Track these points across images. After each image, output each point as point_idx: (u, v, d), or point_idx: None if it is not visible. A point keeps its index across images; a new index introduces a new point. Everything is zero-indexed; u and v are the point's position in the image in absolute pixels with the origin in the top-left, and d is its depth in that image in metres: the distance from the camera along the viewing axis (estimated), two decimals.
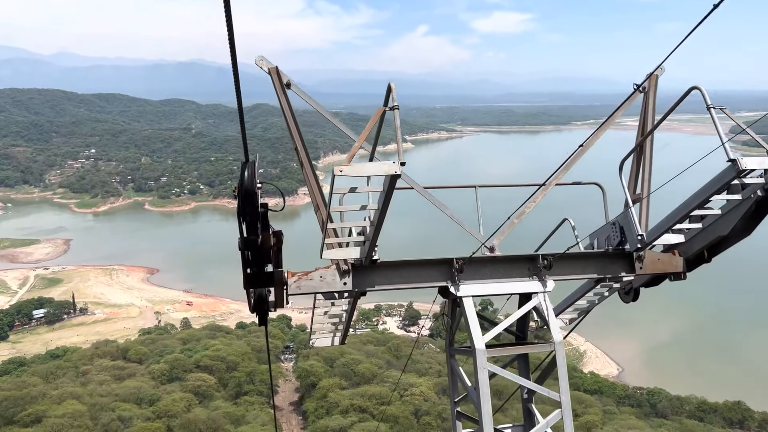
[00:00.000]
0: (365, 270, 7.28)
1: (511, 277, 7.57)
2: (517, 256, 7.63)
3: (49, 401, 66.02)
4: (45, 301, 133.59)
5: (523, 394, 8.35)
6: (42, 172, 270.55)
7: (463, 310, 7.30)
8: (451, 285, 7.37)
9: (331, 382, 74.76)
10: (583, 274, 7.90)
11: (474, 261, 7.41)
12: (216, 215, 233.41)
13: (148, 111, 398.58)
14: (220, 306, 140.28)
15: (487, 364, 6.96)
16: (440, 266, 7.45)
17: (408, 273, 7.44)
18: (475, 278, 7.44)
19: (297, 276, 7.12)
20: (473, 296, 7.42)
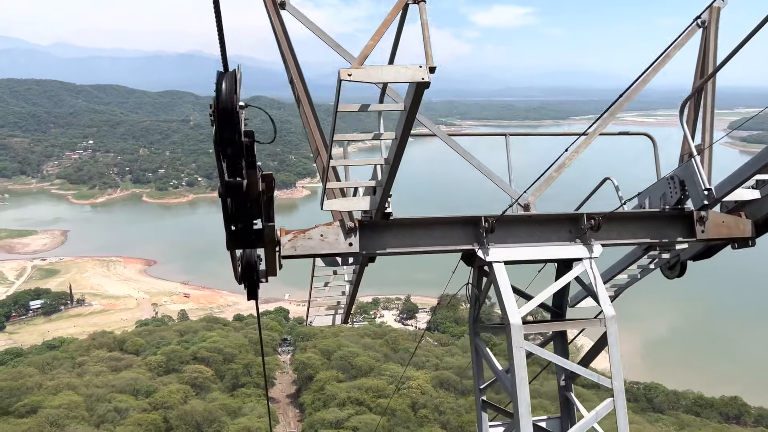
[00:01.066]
0: (375, 228, 6.22)
1: (550, 241, 6.54)
2: (557, 215, 6.62)
3: (45, 392, 65.92)
4: (42, 292, 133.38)
5: (560, 381, 7.38)
6: (39, 163, 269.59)
7: (494, 278, 6.29)
8: (479, 248, 6.32)
9: (328, 375, 74.72)
10: (634, 239, 6.90)
11: (506, 220, 6.35)
12: (214, 207, 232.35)
13: (146, 102, 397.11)
14: (218, 298, 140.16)
15: (524, 342, 6.03)
16: (465, 226, 6.42)
17: (427, 233, 6.36)
18: (506, 241, 6.41)
19: (292, 234, 6.01)
20: (505, 262, 6.35)
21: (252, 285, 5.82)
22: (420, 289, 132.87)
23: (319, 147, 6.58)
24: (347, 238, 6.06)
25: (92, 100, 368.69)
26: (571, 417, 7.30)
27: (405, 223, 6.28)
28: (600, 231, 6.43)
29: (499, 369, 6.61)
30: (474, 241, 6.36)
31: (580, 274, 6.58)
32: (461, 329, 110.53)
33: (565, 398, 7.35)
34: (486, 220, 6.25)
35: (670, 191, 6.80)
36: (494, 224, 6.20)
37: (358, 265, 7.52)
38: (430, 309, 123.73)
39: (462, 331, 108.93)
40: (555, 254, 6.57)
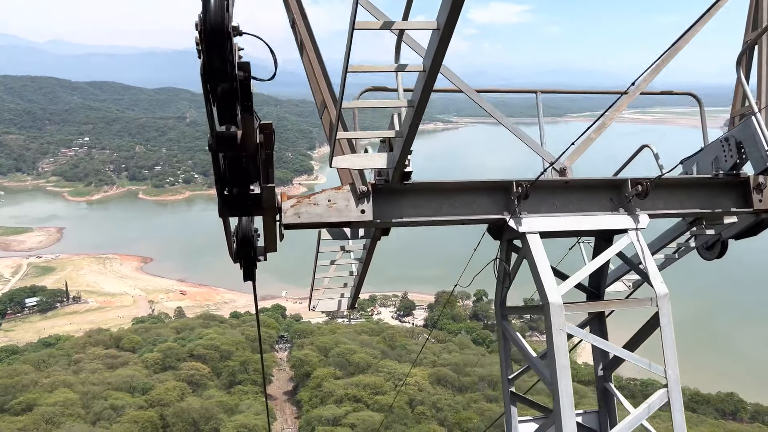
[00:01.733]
0: (391, 194, 5.49)
1: (589, 210, 5.86)
2: (597, 181, 5.92)
3: (40, 389, 65.70)
4: (38, 289, 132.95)
5: (597, 371, 6.69)
6: (35, 160, 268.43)
7: (527, 251, 5.60)
8: (510, 218, 5.62)
9: (325, 372, 74.58)
10: (682, 209, 6.18)
11: (539, 187, 5.67)
12: (211, 204, 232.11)
13: (142, 99, 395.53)
14: (214, 295, 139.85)
15: (565, 323, 5.33)
16: (494, 193, 5.73)
17: (449, 201, 5.65)
18: (540, 210, 5.74)
19: (295, 199, 5.28)
20: (541, 233, 5.65)
21: (249, 263, 5.26)
22: (417, 286, 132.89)
23: (326, 99, 5.64)
24: (359, 205, 5.33)
25: (88, 97, 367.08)
26: (611, 411, 6.67)
27: (424, 188, 5.59)
28: (645, 200, 5.80)
29: (533, 356, 6.00)
30: (504, 209, 5.69)
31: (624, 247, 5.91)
32: (458, 326, 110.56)
33: (604, 390, 6.65)
34: (518, 185, 5.54)
35: (725, 154, 6.09)
36: (528, 189, 5.48)
37: (370, 238, 6.79)
38: (442, 302, 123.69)
39: (459, 328, 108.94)
40: (596, 225, 5.86)
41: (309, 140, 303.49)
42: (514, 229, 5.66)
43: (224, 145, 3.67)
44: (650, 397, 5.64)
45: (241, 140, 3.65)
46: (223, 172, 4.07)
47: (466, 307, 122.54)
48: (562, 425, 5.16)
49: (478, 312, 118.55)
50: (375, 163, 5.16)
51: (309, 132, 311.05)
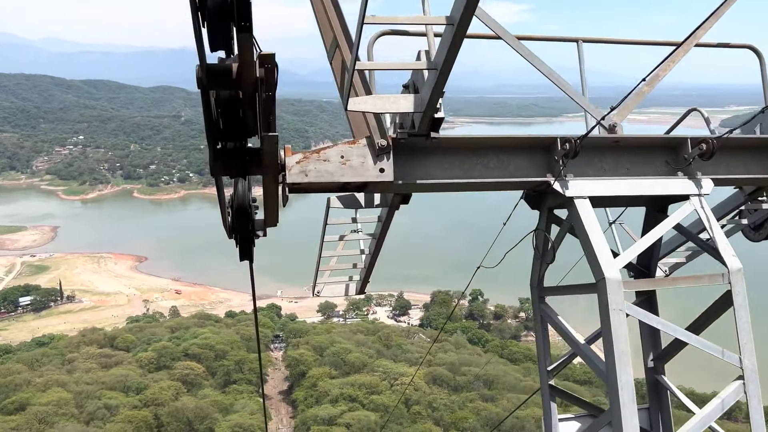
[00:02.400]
0: (414, 151, 4.75)
1: (643, 174, 5.19)
2: (651, 140, 5.24)
3: (33, 389, 65.28)
4: (31, 288, 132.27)
5: (647, 361, 6.01)
6: (29, 159, 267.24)
7: (577, 219, 4.92)
8: (555, 180, 4.93)
9: (320, 371, 74.35)
10: (747, 174, 5.47)
11: (585, 146, 4.87)
12: (206, 203, 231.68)
13: (137, 98, 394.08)
14: (210, 295, 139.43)
15: (624, 303, 4.62)
16: (534, 152, 5.02)
17: (482, 161, 4.92)
18: (587, 173, 5.07)
19: (301, 154, 4.51)
20: (591, 198, 4.96)
21: (246, 239, 4.57)
22: (413, 286, 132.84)
23: (337, 36, 4.92)
24: (377, 162, 4.55)
25: (83, 96, 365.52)
26: (663, 408, 5.99)
27: (453, 145, 4.85)
28: (708, 163, 5.10)
29: (581, 342, 5.23)
30: (546, 171, 5.00)
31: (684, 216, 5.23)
32: (454, 325, 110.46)
33: (656, 384, 5.98)
34: (565, 141, 4.79)
35: None
36: (578, 146, 4.68)
37: (387, 207, 6.08)
38: (423, 306, 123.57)
39: (455, 328, 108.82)
40: (652, 190, 5.16)
41: (305, 139, 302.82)
42: (560, 194, 4.95)
43: (216, 79, 3.07)
44: (722, 392, 4.92)
45: (238, 73, 3.06)
46: (215, 120, 3.43)
47: (461, 307, 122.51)
48: (623, 425, 4.43)
49: (474, 311, 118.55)
50: (399, 106, 4.36)
51: (305, 131, 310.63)
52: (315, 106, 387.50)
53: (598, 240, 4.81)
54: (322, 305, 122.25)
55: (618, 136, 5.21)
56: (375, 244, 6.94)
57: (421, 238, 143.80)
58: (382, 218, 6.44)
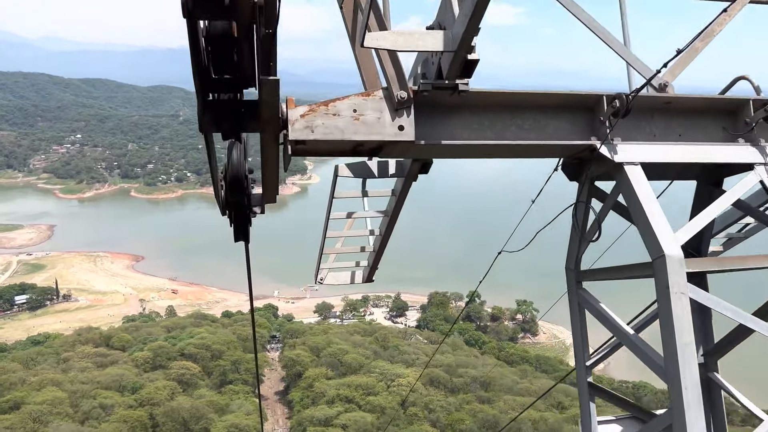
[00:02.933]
0: (437, 108, 4.14)
1: (697, 140, 4.64)
2: (707, 102, 4.66)
3: (28, 388, 64.92)
4: (27, 287, 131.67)
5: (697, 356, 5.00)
6: (26, 157, 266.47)
7: (628, 189, 4.34)
8: (601, 144, 4.36)
9: (317, 372, 74.17)
10: None
11: (634, 107, 4.25)
12: (203, 203, 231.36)
13: (135, 97, 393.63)
14: (206, 294, 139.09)
15: (687, 284, 3.98)
16: (576, 113, 4.45)
17: (515, 121, 4.32)
18: (635, 137, 4.51)
19: (307, 107, 3.89)
20: (643, 164, 4.40)
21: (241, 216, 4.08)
22: (410, 287, 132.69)
23: None
24: (395, 118, 3.93)
25: (81, 94, 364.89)
26: (716, 410, 5.46)
27: (482, 102, 4.22)
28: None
29: (629, 333, 4.66)
30: (590, 134, 4.43)
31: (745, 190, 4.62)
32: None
33: (708, 382, 5.38)
34: (610, 101, 4.22)
35: None
36: (630, 104, 4.12)
37: (403, 177, 5.47)
38: (420, 307, 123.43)
39: (452, 329, 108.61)
40: (711, 157, 4.57)
41: None
42: (607, 160, 4.34)
43: (205, 4, 2.49)
44: None
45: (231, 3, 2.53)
46: (204, 63, 2.87)
47: (458, 309, 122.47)
48: (687, 428, 3.79)
49: (471, 313, 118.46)
50: (426, 43, 3.70)
51: None
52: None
53: (655, 211, 4.18)
54: (319, 306, 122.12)
55: (670, 95, 4.59)
56: (387, 223, 6.22)
57: (418, 240, 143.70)
58: (397, 191, 5.75)
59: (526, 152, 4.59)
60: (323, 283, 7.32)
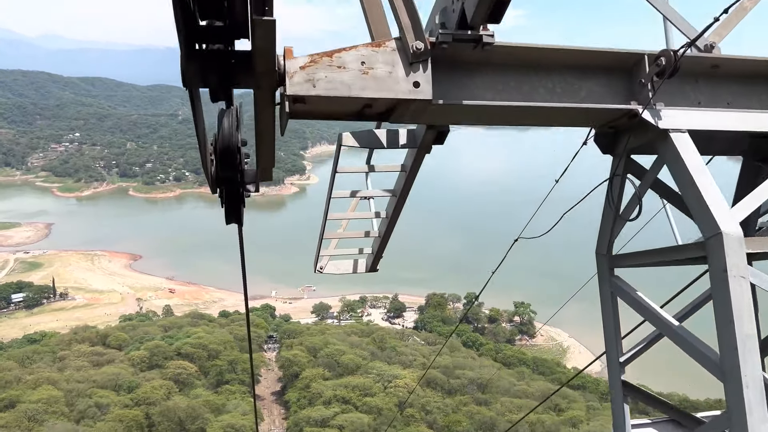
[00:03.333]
0: (459, 64, 3.66)
1: (746, 107, 4.17)
2: (761, 63, 4.14)
3: (24, 386, 64.65)
4: (24, 285, 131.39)
5: None
6: (24, 155, 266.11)
7: (676, 159, 3.86)
8: (643, 109, 3.88)
9: (314, 373, 74.02)
10: None
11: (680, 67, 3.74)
12: (201, 202, 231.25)
13: (134, 96, 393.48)
14: (203, 294, 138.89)
15: (747, 267, 3.50)
16: (613, 73, 3.97)
17: (544, 82, 3.84)
18: (677, 102, 4.03)
19: (309, 57, 3.37)
20: (691, 132, 3.96)
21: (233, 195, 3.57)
22: (408, 288, 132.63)
23: None
24: (410, 73, 3.44)
25: (80, 93, 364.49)
26: None
27: (508, 59, 3.75)
28: None
29: (674, 324, 4.17)
30: (630, 96, 3.94)
31: None
32: (448, 328, 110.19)
33: None
34: (656, 58, 3.74)
35: None
36: (678, 62, 3.63)
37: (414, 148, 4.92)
38: (418, 308, 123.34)
39: (449, 331, 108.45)
40: (765, 125, 4.11)
41: (302, 140, 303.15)
42: (650, 127, 3.89)
43: None
44: None
45: None
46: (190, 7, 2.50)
47: (456, 310, 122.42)
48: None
49: (469, 315, 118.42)
50: None
51: (302, 132, 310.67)
52: None
53: (708, 184, 3.69)
54: (316, 306, 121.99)
55: (718, 57, 4.12)
56: (395, 204, 5.62)
57: (416, 241, 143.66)
58: (407, 167, 5.15)
59: (557, 118, 4.11)
60: (323, 272, 6.67)
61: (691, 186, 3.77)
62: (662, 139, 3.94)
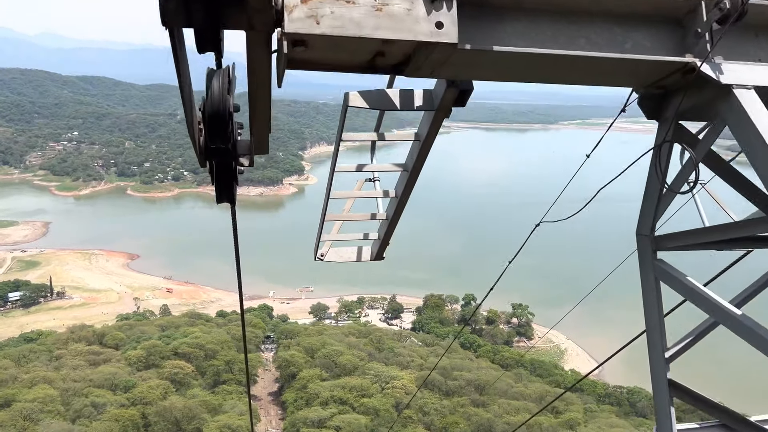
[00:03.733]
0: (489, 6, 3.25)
1: None
2: None
3: (19, 385, 64.40)
4: (21, 283, 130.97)
5: None
6: (22, 154, 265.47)
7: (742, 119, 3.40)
8: (702, 61, 3.42)
9: (311, 373, 73.89)
10: None
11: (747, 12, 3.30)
12: (199, 202, 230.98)
13: (133, 95, 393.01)
14: (201, 294, 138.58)
15: None
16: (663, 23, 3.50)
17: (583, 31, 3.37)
18: (736, 57, 3.59)
19: None
20: (757, 88, 3.50)
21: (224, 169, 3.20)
22: (406, 289, 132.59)
23: None
24: (432, 11, 2.94)
25: (78, 92, 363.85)
26: None
27: (545, 1, 3.31)
28: None
29: (735, 312, 3.78)
30: (683, 50, 3.46)
31: None
32: (446, 330, 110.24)
33: None
34: (719, 2, 3.24)
35: None
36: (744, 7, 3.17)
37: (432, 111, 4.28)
38: (415, 310, 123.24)
39: (447, 332, 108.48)
40: None
41: (300, 140, 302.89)
42: (710, 83, 3.42)
43: None
44: None
45: None
46: None
47: (453, 311, 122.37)
48: None
49: (466, 316, 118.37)
50: None
51: (300, 132, 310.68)
52: (311, 107, 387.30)
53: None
54: (314, 307, 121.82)
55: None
56: (407, 180, 5.01)
57: (414, 242, 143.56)
58: (422, 135, 4.59)
59: (598, 73, 3.59)
60: (324, 260, 6.08)
61: (761, 150, 3.26)
62: (724, 96, 3.46)
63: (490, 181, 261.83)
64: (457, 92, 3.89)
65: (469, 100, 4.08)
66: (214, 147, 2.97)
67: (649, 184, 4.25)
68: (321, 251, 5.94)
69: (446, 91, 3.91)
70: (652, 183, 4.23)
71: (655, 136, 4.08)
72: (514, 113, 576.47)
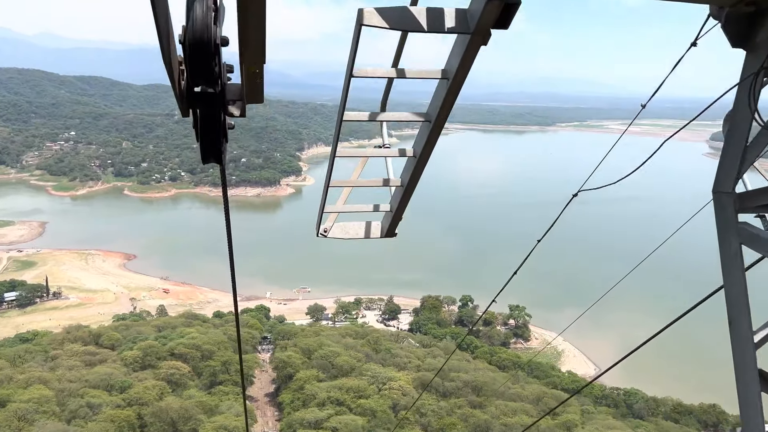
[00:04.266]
0: None
1: None
2: None
3: (14, 385, 64.11)
4: (17, 283, 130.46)
5: None
6: (19, 153, 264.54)
7: None
8: None
9: (308, 374, 73.75)
10: None
11: None
12: (196, 203, 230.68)
13: (130, 95, 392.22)
14: (198, 294, 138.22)
15: None
16: None
17: None
18: None
19: None
20: None
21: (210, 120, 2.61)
22: (403, 290, 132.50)
23: None
24: None
25: (76, 91, 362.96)
26: None
27: None
28: None
29: None
30: None
31: None
32: (443, 331, 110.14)
33: None
34: None
35: None
36: None
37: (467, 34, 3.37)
38: (412, 311, 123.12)
39: (444, 333, 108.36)
40: None
41: (298, 141, 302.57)
42: None
43: None
44: None
45: None
46: None
47: (451, 312, 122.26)
48: None
49: (464, 317, 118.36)
50: None
51: (298, 133, 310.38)
52: (309, 108, 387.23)
53: None
54: (311, 308, 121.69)
55: None
56: (428, 133, 4.20)
57: (412, 243, 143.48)
58: (450, 73, 3.70)
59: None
60: (327, 236, 5.27)
61: None
62: None
63: (487, 182, 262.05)
64: (502, 6, 3.03)
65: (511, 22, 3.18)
66: (199, 91, 2.45)
67: (733, 130, 3.54)
68: (324, 226, 5.12)
69: (487, 5, 3.04)
70: (736, 129, 3.51)
71: (742, 68, 3.44)
72: (512, 115, 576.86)
